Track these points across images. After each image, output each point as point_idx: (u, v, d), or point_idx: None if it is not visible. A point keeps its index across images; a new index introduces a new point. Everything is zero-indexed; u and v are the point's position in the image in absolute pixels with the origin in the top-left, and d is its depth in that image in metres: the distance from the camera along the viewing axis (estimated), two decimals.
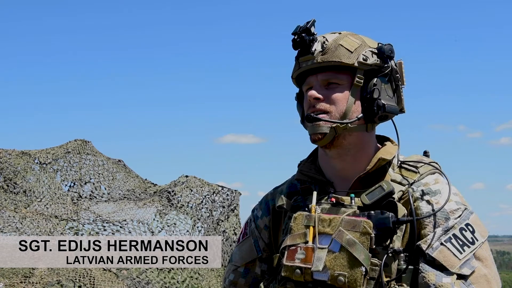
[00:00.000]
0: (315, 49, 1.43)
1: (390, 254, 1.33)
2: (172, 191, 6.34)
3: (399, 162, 1.48)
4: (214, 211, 6.57)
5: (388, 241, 1.34)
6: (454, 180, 1.46)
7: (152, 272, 5.94)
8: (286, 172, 1.67)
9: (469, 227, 1.36)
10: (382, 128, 1.55)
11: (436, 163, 1.50)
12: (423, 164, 1.47)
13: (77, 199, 6.02)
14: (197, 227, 6.38)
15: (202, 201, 6.53)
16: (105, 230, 5.83)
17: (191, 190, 6.53)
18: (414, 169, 1.46)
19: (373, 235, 1.32)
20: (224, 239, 6.47)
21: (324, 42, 1.43)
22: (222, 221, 6.53)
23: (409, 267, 1.34)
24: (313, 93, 1.44)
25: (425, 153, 1.54)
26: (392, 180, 1.44)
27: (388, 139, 1.56)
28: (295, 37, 1.44)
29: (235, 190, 6.83)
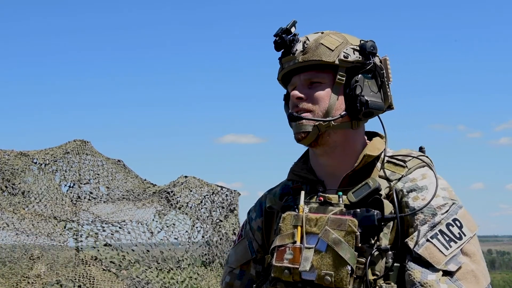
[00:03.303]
0: (296, 49, 1.43)
1: (376, 252, 1.32)
2: (171, 192, 6.34)
3: (387, 157, 1.47)
4: (214, 211, 6.56)
5: (375, 239, 1.33)
6: (454, 180, 1.45)
7: (152, 272, 5.94)
8: (286, 172, 1.66)
9: (456, 222, 1.35)
10: (374, 125, 1.54)
11: (427, 157, 1.49)
12: (411, 158, 1.46)
13: (76, 200, 6.01)
14: (196, 227, 6.38)
15: (201, 202, 6.52)
16: (104, 230, 5.83)
17: (190, 191, 6.52)
18: (402, 163, 1.45)
19: (358, 233, 1.31)
20: (224, 239, 6.46)
21: (305, 42, 1.44)
22: (222, 221, 6.53)
23: (396, 264, 1.34)
24: (295, 93, 1.45)
25: (421, 149, 1.53)
26: (380, 176, 1.43)
27: (377, 135, 1.55)
28: (277, 39, 1.45)
29: (234, 190, 6.83)
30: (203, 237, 6.40)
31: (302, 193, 1.45)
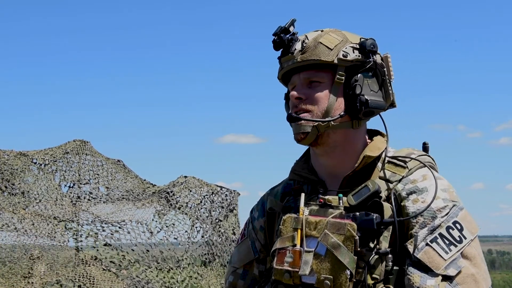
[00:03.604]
0: (295, 49, 1.42)
1: (376, 256, 1.31)
2: (171, 192, 6.33)
3: (388, 157, 1.45)
4: (213, 211, 6.56)
5: (374, 243, 1.32)
6: (454, 180, 1.42)
7: (152, 272, 5.94)
8: (286, 172, 1.68)
9: (457, 225, 1.33)
10: (376, 123, 1.52)
11: (429, 156, 1.48)
12: (411, 158, 1.44)
13: (76, 200, 6.01)
14: (196, 227, 6.38)
15: (201, 202, 6.52)
16: (104, 230, 5.83)
17: (190, 191, 6.52)
18: (402, 164, 1.43)
19: (357, 237, 1.30)
20: (224, 239, 6.47)
21: (304, 41, 1.42)
22: (221, 221, 6.53)
23: (395, 268, 1.33)
24: (294, 93, 1.43)
25: (424, 145, 1.52)
26: (380, 177, 1.42)
27: (379, 133, 1.54)
28: (275, 38, 1.43)
29: (234, 191, 6.83)
30: (202, 237, 6.41)
31: (302, 195, 1.44)
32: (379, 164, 1.45)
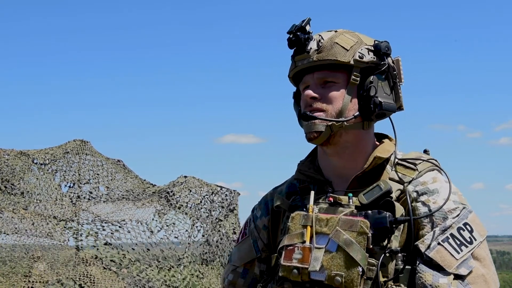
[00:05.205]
0: (310, 48, 1.42)
1: (387, 254, 1.32)
2: (171, 191, 6.34)
3: (397, 160, 1.47)
4: (213, 211, 6.57)
5: (386, 241, 1.33)
6: (454, 180, 1.45)
7: (152, 270, 5.94)
8: (286, 172, 1.68)
9: (467, 226, 1.35)
10: (382, 126, 1.55)
11: (436, 160, 1.49)
12: (421, 161, 1.46)
13: (76, 200, 6.01)
14: (196, 226, 6.38)
15: (201, 201, 6.52)
16: (104, 230, 5.83)
17: (190, 191, 6.52)
18: (412, 166, 1.45)
19: (370, 235, 1.31)
20: (224, 239, 6.47)
21: (319, 41, 1.43)
22: (221, 220, 6.53)
23: (406, 267, 1.34)
24: (309, 92, 1.44)
25: (425, 152, 1.53)
26: (390, 179, 1.43)
27: (386, 137, 1.55)
28: (291, 36, 1.43)
29: (234, 190, 6.84)
30: (203, 236, 6.41)
31: (312, 193, 1.44)
32: (388, 167, 1.47)
